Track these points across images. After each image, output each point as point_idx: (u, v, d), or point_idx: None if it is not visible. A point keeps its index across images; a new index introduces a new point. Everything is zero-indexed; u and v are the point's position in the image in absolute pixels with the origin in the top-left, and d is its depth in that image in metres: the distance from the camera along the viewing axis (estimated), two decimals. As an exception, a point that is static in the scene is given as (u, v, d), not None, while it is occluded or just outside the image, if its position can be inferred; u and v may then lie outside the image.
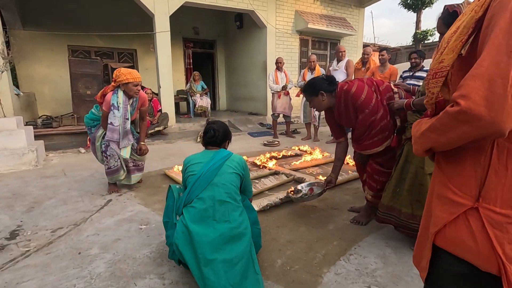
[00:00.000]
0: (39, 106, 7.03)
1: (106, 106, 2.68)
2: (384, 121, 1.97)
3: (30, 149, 3.88)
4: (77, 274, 1.70)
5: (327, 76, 2.15)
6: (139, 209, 2.57)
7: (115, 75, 2.65)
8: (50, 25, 6.95)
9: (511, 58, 0.59)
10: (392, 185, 1.94)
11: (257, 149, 5.01)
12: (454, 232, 0.73)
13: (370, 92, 1.98)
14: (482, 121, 0.61)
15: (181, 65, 9.20)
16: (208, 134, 1.78)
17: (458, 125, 0.66)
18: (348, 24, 8.39)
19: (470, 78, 0.63)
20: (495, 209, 0.67)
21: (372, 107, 1.96)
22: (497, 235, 0.66)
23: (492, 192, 0.68)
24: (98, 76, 6.11)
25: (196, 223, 1.52)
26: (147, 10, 5.96)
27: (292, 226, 2.26)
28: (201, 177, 1.59)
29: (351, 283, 1.63)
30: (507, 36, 0.60)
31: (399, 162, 1.92)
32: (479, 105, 0.61)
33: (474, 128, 0.64)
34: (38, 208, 2.61)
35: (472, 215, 0.70)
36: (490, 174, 0.68)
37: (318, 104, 2.14)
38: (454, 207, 0.73)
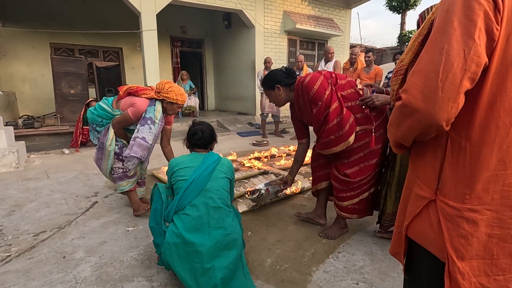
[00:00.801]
0: (20, 106, 6.78)
1: (135, 114, 2.20)
2: (340, 116, 1.76)
3: (10, 150, 3.73)
4: (62, 278, 1.65)
5: (286, 68, 1.98)
6: (125, 211, 2.52)
7: (161, 87, 2.24)
8: (31, 22, 6.71)
9: (442, 54, 0.62)
10: (393, 192, 1.90)
11: (246, 149, 5.00)
12: (419, 224, 0.77)
13: (325, 83, 1.80)
14: (419, 113, 0.66)
15: (168, 64, 9.08)
16: (196, 136, 1.72)
17: (404, 118, 0.71)
18: (335, 25, 8.50)
19: (411, 74, 0.68)
20: (448, 202, 0.70)
21: (326, 99, 1.77)
22: (448, 227, 0.69)
23: (447, 186, 0.70)
24: (82, 75, 5.96)
25: (191, 232, 1.47)
26: (133, 8, 5.84)
27: (281, 225, 2.27)
28: (193, 182, 1.53)
29: (339, 280, 1.66)
30: (440, 34, 0.63)
31: (395, 168, 1.87)
32: (417, 98, 0.65)
33: (415, 120, 0.68)
34: (19, 212, 2.52)
35: (432, 208, 0.73)
36: (445, 168, 0.71)
37: (275, 98, 1.98)
38: (419, 200, 0.77)
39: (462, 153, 0.67)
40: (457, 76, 0.60)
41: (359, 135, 1.80)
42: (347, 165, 1.87)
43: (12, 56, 6.82)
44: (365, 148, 1.82)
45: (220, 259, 1.47)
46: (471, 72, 0.60)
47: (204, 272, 1.43)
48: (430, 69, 0.64)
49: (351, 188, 1.90)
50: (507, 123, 0.62)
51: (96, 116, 2.31)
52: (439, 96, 0.62)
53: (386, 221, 1.98)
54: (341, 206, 1.96)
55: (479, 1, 0.59)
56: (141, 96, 2.23)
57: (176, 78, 8.57)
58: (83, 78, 5.95)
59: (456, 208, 0.68)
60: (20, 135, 4.94)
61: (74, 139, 4.93)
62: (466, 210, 0.67)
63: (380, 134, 1.83)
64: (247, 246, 1.98)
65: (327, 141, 1.83)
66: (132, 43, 8.17)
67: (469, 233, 0.66)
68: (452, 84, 0.61)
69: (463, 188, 0.67)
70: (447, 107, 0.62)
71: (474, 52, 0.59)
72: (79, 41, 7.52)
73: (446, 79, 0.61)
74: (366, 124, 1.80)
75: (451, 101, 0.62)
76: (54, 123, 5.72)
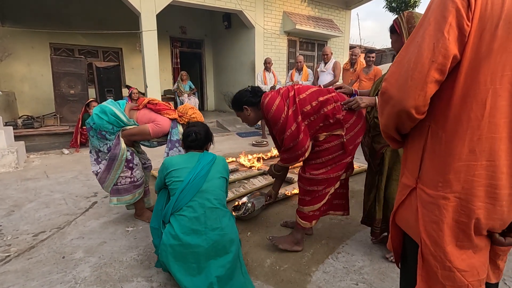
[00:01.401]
0: (19, 106, 6.77)
1: (156, 133, 2.09)
2: (295, 141, 1.68)
3: (10, 150, 3.73)
4: (61, 279, 1.65)
5: (252, 88, 1.90)
6: (125, 211, 2.51)
7: (184, 111, 2.17)
8: (31, 22, 6.71)
9: (416, 46, 0.68)
10: (382, 197, 1.82)
11: (245, 149, 5.00)
12: (403, 211, 0.82)
13: (281, 106, 1.69)
14: (393, 99, 0.72)
15: (168, 65, 9.08)
16: (190, 138, 1.70)
17: (384, 105, 0.76)
18: (335, 26, 8.52)
19: (392, 64, 0.75)
20: (425, 189, 0.73)
21: (281, 124, 1.68)
22: (423, 213, 0.73)
23: (425, 174, 0.74)
24: (82, 75, 5.95)
25: (188, 233, 1.47)
26: (133, 8, 5.85)
27: (281, 226, 2.27)
28: (189, 184, 1.53)
29: (339, 281, 1.66)
30: (418, 29, 0.70)
31: (383, 171, 1.78)
32: (392, 86, 0.72)
33: (390, 107, 0.74)
34: (19, 212, 2.52)
35: (413, 195, 0.78)
36: (425, 157, 0.74)
37: (245, 119, 1.92)
38: (404, 189, 0.81)
39: (438, 143, 0.71)
40: (425, 67, 0.65)
41: (327, 138, 1.72)
42: (315, 166, 1.79)
43: (12, 56, 6.81)
44: (335, 151, 1.73)
45: (217, 259, 1.48)
46: (438, 63, 0.64)
47: (200, 271, 1.44)
48: (405, 59, 0.69)
49: (315, 191, 1.79)
50: (478, 115, 0.65)
51: (106, 123, 2.02)
52: (408, 84, 0.68)
53: (377, 228, 1.89)
54: (302, 212, 1.86)
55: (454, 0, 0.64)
56: (163, 115, 2.12)
57: (175, 79, 8.57)
58: (82, 78, 5.95)
59: (430, 195, 0.72)
60: (19, 135, 4.94)
61: (74, 139, 4.93)
62: (438, 197, 0.70)
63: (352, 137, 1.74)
64: (247, 247, 1.98)
65: (285, 157, 1.81)
66: (132, 43, 8.17)
67: (440, 219, 0.70)
68: (420, 73, 0.66)
69: (437, 176, 0.71)
70: (414, 95, 0.67)
71: (442, 45, 0.64)
72: (78, 41, 7.52)
73: (416, 69, 0.66)
74: (335, 129, 1.70)
75: (418, 89, 0.67)
76: (54, 123, 5.72)
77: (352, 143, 1.76)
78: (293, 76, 5.64)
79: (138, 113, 2.14)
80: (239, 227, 2.23)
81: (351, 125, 1.72)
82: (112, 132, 2.07)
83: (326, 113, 1.67)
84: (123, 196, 2.19)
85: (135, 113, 2.15)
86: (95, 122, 2.04)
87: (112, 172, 2.12)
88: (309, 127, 1.71)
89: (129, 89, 6.09)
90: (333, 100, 1.69)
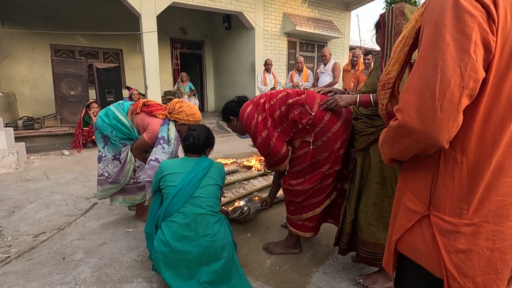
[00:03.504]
0: (20, 107, 6.78)
1: (151, 139, 2.04)
2: (268, 149, 1.65)
3: (10, 151, 3.73)
4: (61, 280, 1.65)
5: (238, 98, 1.88)
6: (125, 212, 2.51)
7: (172, 108, 2.07)
8: (31, 23, 6.72)
9: (437, 71, 0.58)
10: (353, 208, 1.58)
11: (245, 151, 5.01)
12: (411, 239, 0.74)
13: (252, 113, 1.69)
14: (418, 134, 0.63)
15: (168, 66, 9.09)
16: (187, 142, 1.67)
17: (401, 138, 0.68)
18: (335, 27, 8.53)
19: (404, 91, 0.65)
20: (443, 217, 0.67)
21: (252, 132, 1.68)
22: (445, 243, 0.66)
23: (441, 201, 0.67)
24: (82, 76, 5.97)
25: (178, 240, 1.46)
26: (133, 10, 5.86)
27: (280, 227, 2.28)
28: (181, 189, 1.51)
29: (339, 281, 1.66)
30: (432, 49, 0.60)
31: (355, 179, 1.57)
32: (413, 118, 0.62)
33: (413, 141, 0.65)
34: (19, 213, 2.52)
35: (425, 223, 0.70)
36: (439, 182, 0.68)
37: (234, 128, 1.90)
38: (411, 215, 0.74)
39: (458, 168, 0.64)
40: (455, 94, 0.57)
41: (300, 144, 1.66)
42: (292, 175, 1.73)
43: (12, 57, 6.81)
44: (310, 158, 1.63)
45: (209, 265, 1.47)
46: (469, 89, 0.57)
47: (192, 277, 1.45)
48: (424, 86, 0.60)
49: (296, 202, 1.73)
50: (504, 134, 0.60)
51: (107, 126, 2.06)
52: (438, 116, 0.59)
53: (344, 244, 1.63)
54: (290, 220, 1.82)
55: (471, 12, 0.55)
56: (156, 116, 2.08)
57: (176, 80, 8.58)
58: (83, 79, 5.96)
59: (452, 223, 0.66)
60: (20, 136, 4.95)
61: (76, 140, 4.93)
62: (464, 225, 0.64)
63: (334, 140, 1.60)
64: (247, 248, 1.98)
65: (267, 162, 1.78)
66: (132, 44, 8.18)
67: (468, 248, 0.64)
68: (450, 103, 0.58)
69: (459, 203, 0.65)
70: (448, 127, 0.59)
71: (471, 68, 0.56)
72: (79, 42, 7.53)
73: (444, 98, 0.58)
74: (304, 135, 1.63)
75: (451, 120, 0.59)
76: (54, 124, 5.73)
77: (326, 149, 1.59)
78: (293, 77, 5.65)
79: (137, 118, 2.13)
80: (239, 228, 2.23)
81: (321, 129, 1.57)
82: (113, 139, 2.12)
83: (294, 118, 1.60)
84: (128, 196, 2.23)
85: (135, 117, 2.14)
86: (98, 124, 2.10)
87: (124, 175, 2.18)
88: (284, 134, 1.65)
89: (129, 90, 6.10)
90: (299, 104, 1.60)
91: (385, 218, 1.47)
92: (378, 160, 1.46)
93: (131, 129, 2.10)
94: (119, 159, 2.14)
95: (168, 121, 2.07)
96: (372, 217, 1.50)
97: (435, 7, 0.61)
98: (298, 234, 1.80)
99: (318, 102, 1.60)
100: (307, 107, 1.58)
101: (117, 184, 2.21)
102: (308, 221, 1.75)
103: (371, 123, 1.48)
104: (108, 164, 2.17)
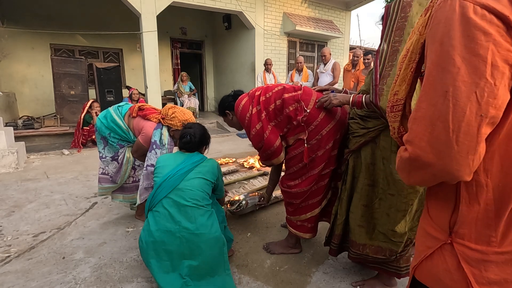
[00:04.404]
0: (20, 107, 6.78)
1: (146, 142, 2.07)
2: (261, 142, 1.65)
3: (10, 151, 3.73)
4: (61, 279, 1.65)
5: (234, 92, 1.88)
6: (125, 212, 2.51)
7: (165, 113, 2.07)
8: (31, 23, 6.72)
9: (448, 99, 0.51)
10: (344, 209, 1.57)
11: (245, 150, 5.01)
12: (431, 268, 0.67)
13: (246, 105, 1.69)
14: (433, 167, 0.56)
15: (168, 65, 9.09)
16: (184, 140, 1.68)
17: (416, 170, 0.61)
18: (335, 27, 8.53)
19: (413, 121, 0.58)
20: (470, 245, 0.60)
21: (246, 124, 1.69)
22: (475, 274, 0.59)
23: (465, 227, 0.61)
24: (82, 76, 5.96)
25: (161, 230, 1.47)
26: (133, 9, 5.86)
27: (280, 227, 2.28)
28: (166, 180, 1.53)
29: (339, 281, 1.66)
30: (440, 73, 0.52)
31: (346, 180, 1.56)
32: (426, 151, 0.55)
33: (429, 174, 0.59)
34: (19, 212, 2.52)
35: (447, 251, 0.63)
36: (462, 208, 0.61)
37: (230, 123, 1.90)
38: (431, 241, 0.67)
39: (483, 191, 0.57)
40: (473, 125, 0.49)
41: (295, 144, 1.65)
42: (289, 176, 1.73)
43: (12, 57, 6.82)
44: (302, 160, 1.63)
45: (191, 258, 1.47)
46: (489, 117, 0.49)
47: (174, 269, 1.46)
48: (434, 116, 0.53)
49: (295, 204, 1.73)
50: None
51: (105, 128, 2.12)
52: (455, 150, 0.52)
53: (335, 244, 1.63)
54: (290, 220, 1.82)
55: (485, 30, 0.47)
56: (151, 120, 2.09)
57: (176, 79, 8.58)
58: (83, 79, 5.96)
59: (481, 251, 0.58)
60: (19, 135, 4.94)
61: (76, 140, 4.93)
62: (494, 253, 0.57)
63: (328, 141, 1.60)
64: (247, 247, 1.98)
65: (260, 155, 1.76)
66: (132, 44, 8.17)
67: (503, 278, 0.57)
68: (468, 135, 0.50)
69: (486, 230, 0.58)
70: (468, 161, 0.52)
71: (488, 94, 0.48)
72: (79, 42, 7.53)
73: (460, 130, 0.50)
74: (298, 132, 1.62)
75: (471, 153, 0.51)
76: (54, 124, 5.72)
77: (320, 148, 1.59)
78: (293, 77, 5.65)
79: (133, 121, 2.14)
80: (239, 228, 2.23)
81: (316, 127, 1.58)
82: (111, 141, 2.15)
83: (289, 114, 1.60)
84: (128, 194, 2.27)
85: (132, 120, 2.15)
86: (97, 125, 2.16)
87: (123, 175, 2.22)
88: (278, 128, 1.65)
89: (129, 89, 6.10)
90: (295, 100, 1.60)
91: (375, 219, 1.47)
92: (370, 162, 1.44)
93: (127, 132, 2.13)
94: (117, 160, 2.19)
95: (161, 125, 2.08)
96: (362, 218, 1.49)
97: (439, 22, 0.53)
98: (298, 235, 1.80)
99: (314, 99, 1.61)
100: (302, 104, 1.59)
101: (116, 184, 2.26)
102: (307, 222, 1.75)
103: (364, 124, 1.45)
104: (108, 165, 2.22)
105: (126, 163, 2.17)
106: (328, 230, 1.69)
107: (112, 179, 2.23)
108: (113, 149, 2.19)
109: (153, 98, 6.37)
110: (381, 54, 1.26)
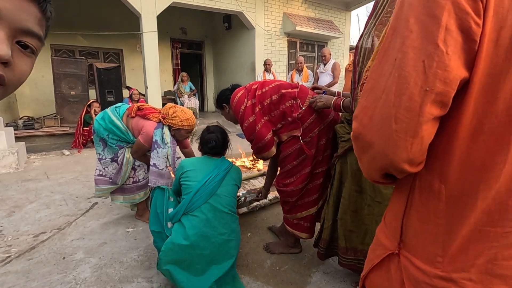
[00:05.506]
0: (20, 107, 6.79)
1: (146, 141, 2.06)
2: (253, 135, 1.66)
3: (10, 151, 3.73)
4: (61, 279, 1.65)
5: (232, 86, 1.89)
6: (125, 212, 2.52)
7: (166, 113, 2.06)
8: (32, 23, 6.72)
9: (395, 67, 0.43)
10: (330, 214, 1.55)
11: (245, 150, 5.01)
12: (376, 278, 0.59)
13: (242, 98, 1.71)
14: (373, 148, 0.48)
15: (168, 66, 9.10)
16: (210, 145, 1.72)
17: (360, 152, 0.52)
18: (335, 27, 8.53)
19: (362, 94, 0.50)
20: (414, 261, 0.49)
21: (240, 116, 1.70)
22: None
23: (413, 239, 0.51)
24: (83, 76, 5.97)
25: (198, 235, 1.47)
26: (133, 10, 5.86)
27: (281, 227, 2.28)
28: (204, 186, 1.55)
29: (339, 282, 1.66)
30: (393, 38, 0.44)
31: (333, 185, 1.54)
32: (368, 129, 0.47)
33: (370, 157, 0.50)
34: (19, 213, 2.52)
35: (394, 263, 0.54)
36: (411, 215, 0.51)
37: (227, 116, 1.91)
38: (380, 248, 0.58)
39: (435, 199, 0.47)
40: (415, 100, 0.41)
41: (289, 141, 1.65)
42: (283, 175, 1.73)
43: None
44: (298, 156, 1.64)
45: (221, 263, 1.50)
46: (435, 93, 0.40)
47: (203, 273, 1.46)
48: (380, 88, 0.45)
49: (290, 202, 1.74)
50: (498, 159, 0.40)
51: (103, 129, 2.10)
52: (393, 128, 0.43)
53: (322, 248, 1.62)
54: (287, 219, 1.83)
55: None
56: (151, 119, 2.08)
57: (176, 80, 8.59)
58: (83, 79, 5.96)
59: (424, 271, 0.48)
60: (20, 136, 4.95)
61: (76, 140, 4.93)
62: (437, 277, 0.46)
63: (313, 138, 1.62)
64: (247, 248, 1.98)
65: (252, 148, 1.76)
66: (132, 44, 8.18)
67: None
68: (408, 111, 0.42)
69: (433, 246, 0.47)
70: (406, 144, 0.43)
71: (438, 64, 0.39)
72: (79, 42, 7.54)
73: (400, 105, 0.42)
74: (293, 129, 1.63)
75: (409, 135, 0.43)
76: (54, 124, 5.73)
77: (313, 145, 1.62)
78: (293, 77, 5.65)
79: (132, 122, 2.13)
80: (239, 228, 2.24)
81: (309, 125, 1.60)
82: (110, 143, 2.14)
83: (284, 110, 1.62)
84: (128, 195, 2.26)
85: (130, 121, 2.14)
86: (95, 127, 2.14)
87: (122, 174, 2.19)
88: (271, 123, 1.66)
89: (129, 90, 6.10)
90: (292, 97, 1.61)
91: (366, 224, 1.45)
92: (356, 168, 1.41)
93: (125, 132, 2.12)
94: (117, 161, 2.17)
95: (162, 125, 2.07)
96: (353, 224, 1.48)
97: None
98: (295, 234, 1.80)
99: (310, 97, 1.64)
100: (299, 101, 1.61)
101: (114, 185, 2.25)
102: (303, 221, 1.77)
103: (348, 128, 1.43)
104: (108, 166, 2.20)
105: (126, 164, 2.16)
106: (318, 232, 1.69)
107: (112, 180, 2.22)
108: (113, 150, 2.18)
109: (153, 99, 6.38)
110: (360, 51, 1.08)
